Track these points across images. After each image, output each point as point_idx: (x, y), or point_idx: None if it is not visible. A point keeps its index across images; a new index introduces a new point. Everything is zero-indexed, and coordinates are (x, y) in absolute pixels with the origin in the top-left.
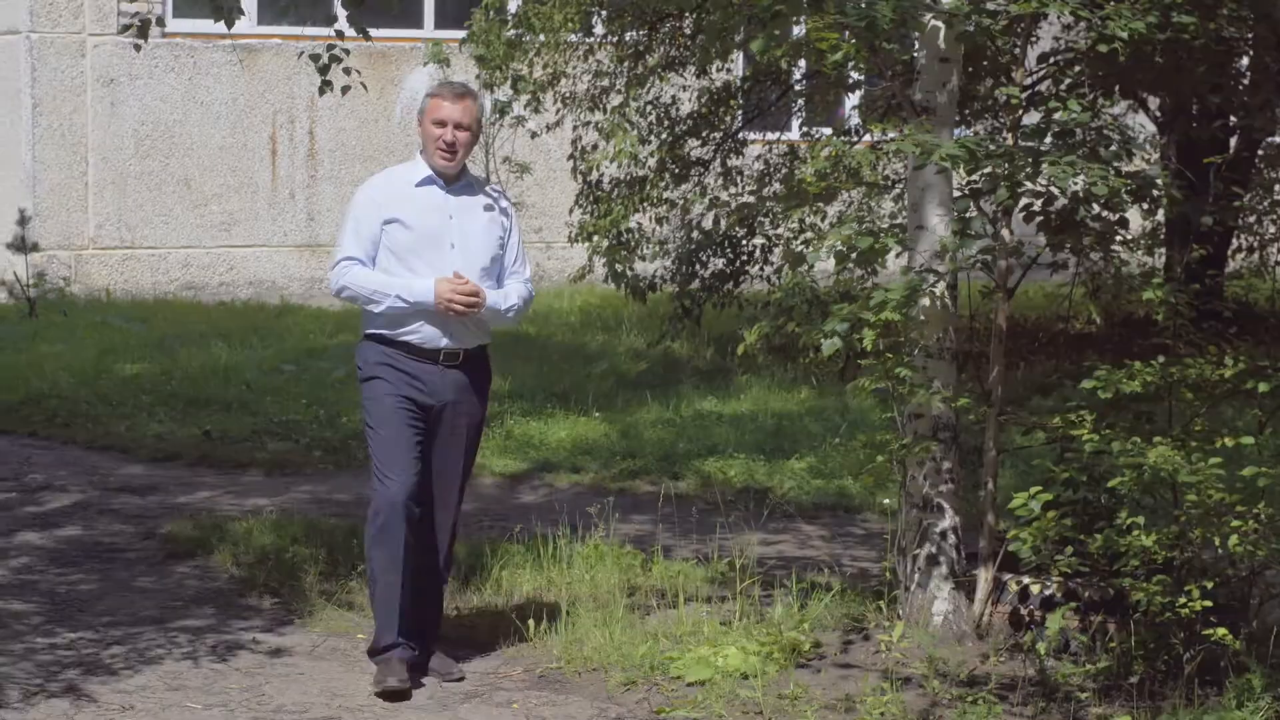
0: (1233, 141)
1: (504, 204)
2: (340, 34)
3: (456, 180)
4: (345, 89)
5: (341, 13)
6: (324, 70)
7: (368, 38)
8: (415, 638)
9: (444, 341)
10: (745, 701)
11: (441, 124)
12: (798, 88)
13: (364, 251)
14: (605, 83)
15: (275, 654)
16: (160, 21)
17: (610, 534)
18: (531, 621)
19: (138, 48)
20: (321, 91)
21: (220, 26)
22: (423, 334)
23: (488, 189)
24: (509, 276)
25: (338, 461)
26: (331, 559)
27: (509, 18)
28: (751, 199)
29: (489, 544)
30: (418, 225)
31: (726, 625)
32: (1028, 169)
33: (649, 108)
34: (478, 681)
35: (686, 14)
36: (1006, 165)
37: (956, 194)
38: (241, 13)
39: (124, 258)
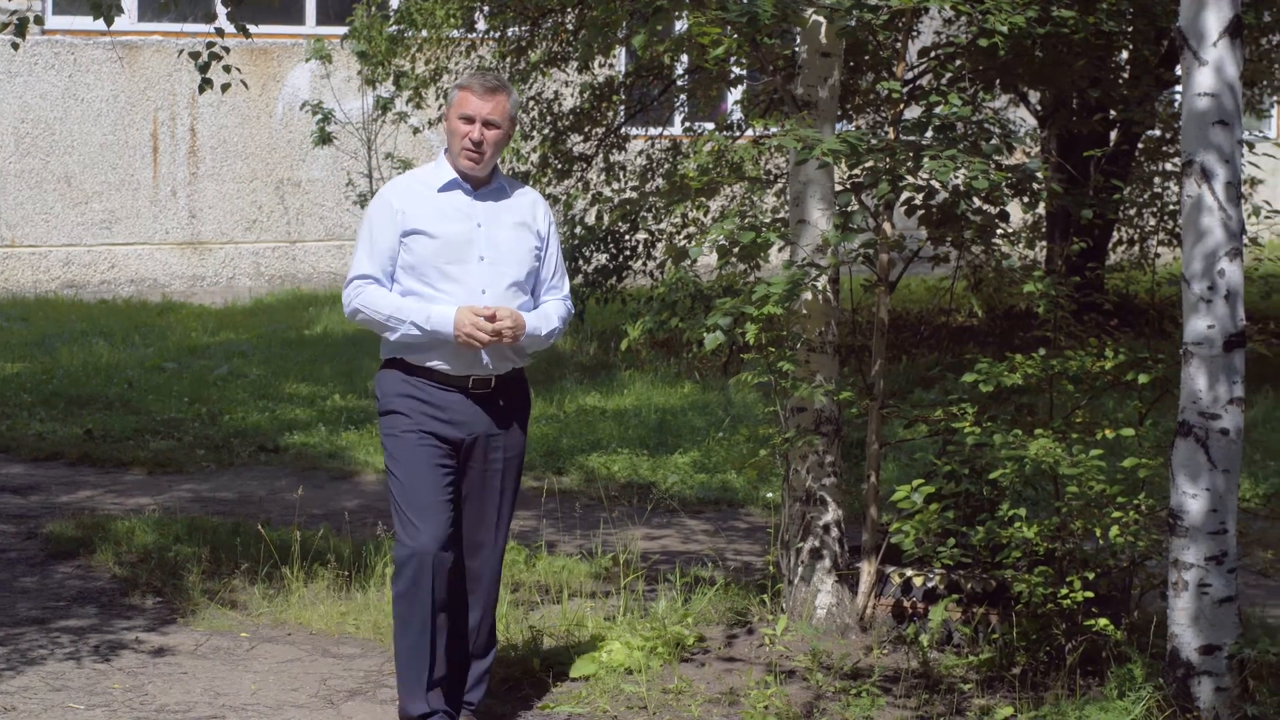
0: (1112, 135)
1: (540, 210)
2: (220, 31)
3: (485, 183)
4: (225, 86)
5: (221, 10)
6: (204, 68)
7: (247, 35)
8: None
9: (473, 368)
10: (629, 696)
11: (469, 120)
12: (680, 83)
13: (380, 268)
14: None
15: (158, 653)
16: (39, 19)
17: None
18: None
19: (16, 45)
20: (202, 89)
21: (100, 24)
22: (450, 360)
23: (521, 192)
24: (546, 292)
25: (220, 460)
26: (214, 558)
27: (391, 14)
28: (634, 194)
29: (373, 541)
30: (442, 236)
31: (611, 620)
32: (909, 163)
33: (531, 103)
34: (361, 679)
35: (569, 9)
36: (888, 159)
37: (838, 188)
38: (121, 10)
39: (4, 256)
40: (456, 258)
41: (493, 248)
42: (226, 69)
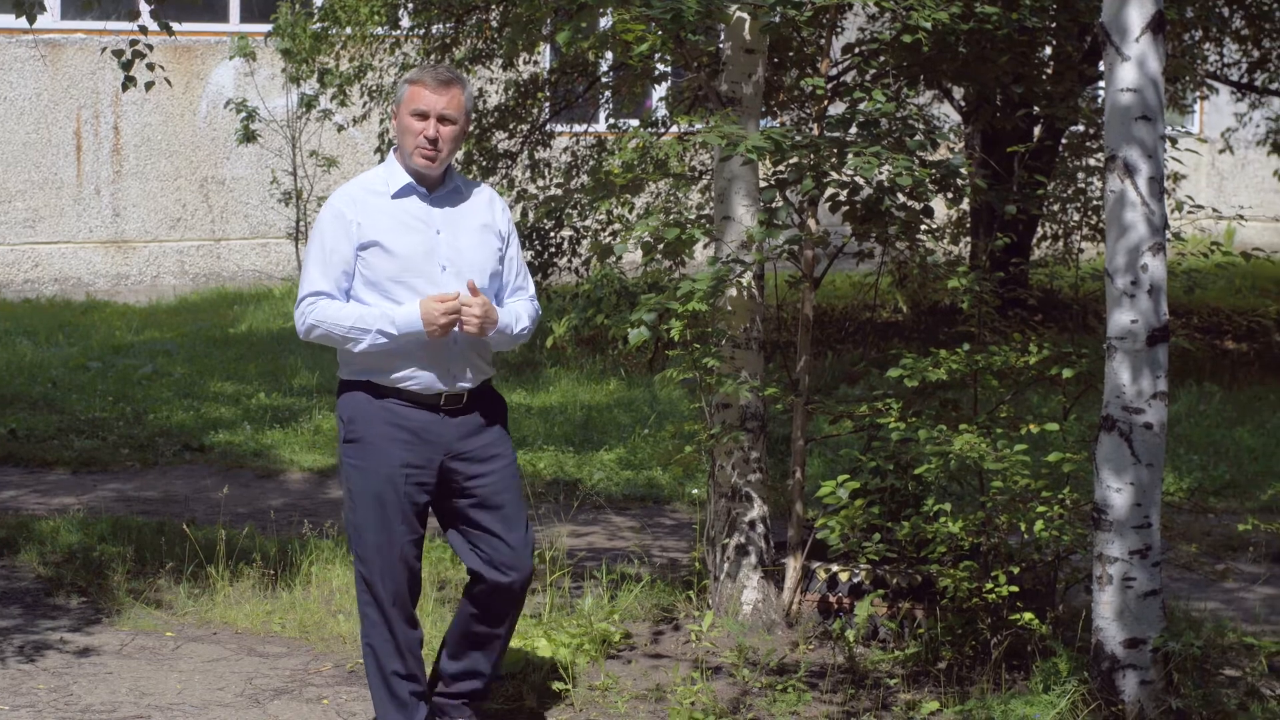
0: (1036, 131)
1: (498, 207)
2: (144, 29)
3: (440, 184)
4: (149, 84)
5: (145, 7)
6: (127, 66)
7: (171, 33)
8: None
9: (444, 384)
10: (556, 694)
11: (422, 116)
12: (605, 80)
13: (334, 284)
14: None
15: (83, 653)
16: None
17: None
18: (341, 616)
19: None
20: (125, 87)
21: (22, 22)
22: (417, 378)
23: (478, 190)
24: (511, 294)
25: (145, 459)
26: (139, 557)
27: (315, 11)
28: (559, 191)
29: (299, 540)
30: (400, 248)
31: (537, 618)
32: (833, 159)
33: None
34: (287, 678)
35: (493, 6)
36: (812, 156)
37: (763, 184)
38: (43, 8)
39: None
40: (418, 269)
41: (455, 255)
42: (150, 67)
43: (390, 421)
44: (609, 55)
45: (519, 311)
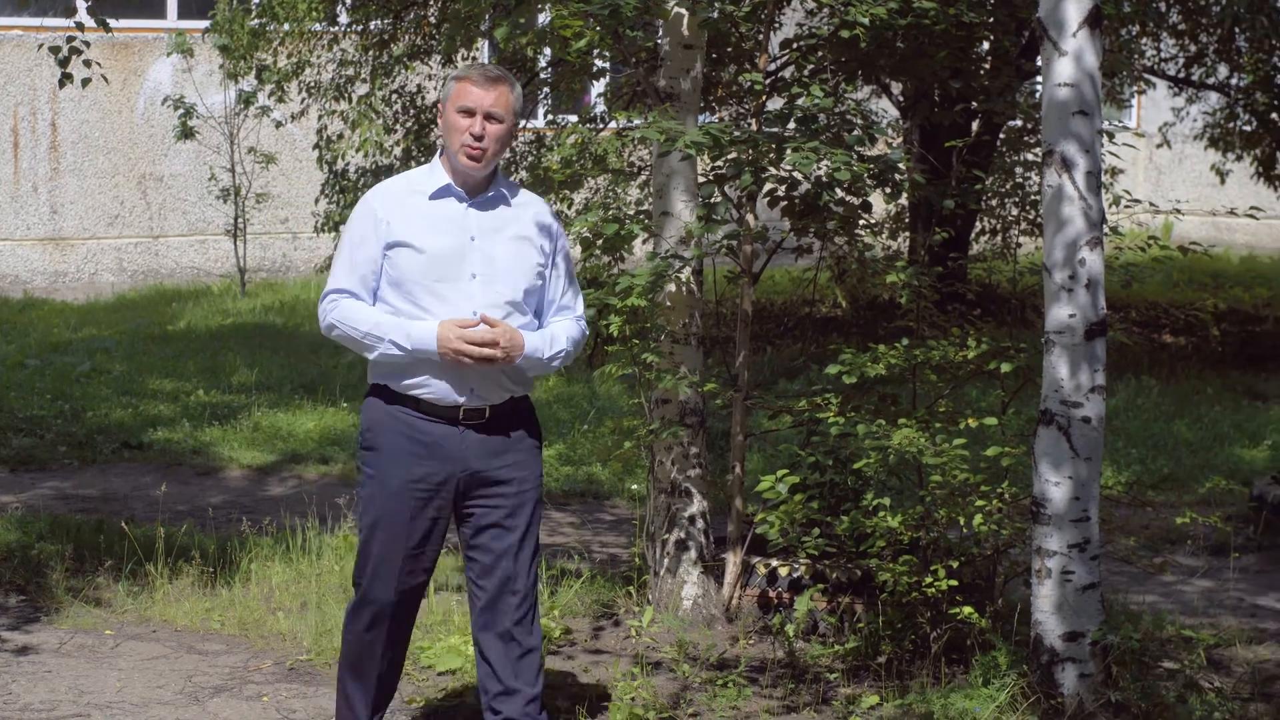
0: (974, 126)
1: (545, 220)
2: (81, 26)
3: (482, 189)
4: (86, 81)
5: (82, 4)
6: (64, 62)
7: (108, 30)
8: None
9: (463, 397)
10: None
11: (469, 113)
12: (543, 76)
13: (360, 282)
14: (350, 72)
15: (22, 652)
16: None
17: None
18: (281, 614)
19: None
20: (62, 84)
21: None
22: (433, 387)
23: (524, 201)
24: (556, 313)
25: (83, 457)
26: (78, 555)
27: (253, 7)
28: None
29: (238, 537)
30: (429, 250)
31: None
32: (771, 154)
33: (394, 96)
34: (227, 675)
35: (431, 2)
36: (750, 151)
37: (701, 180)
38: None
39: None
40: (446, 274)
41: (487, 264)
42: (87, 64)
43: (405, 433)
44: (547, 51)
45: (556, 334)
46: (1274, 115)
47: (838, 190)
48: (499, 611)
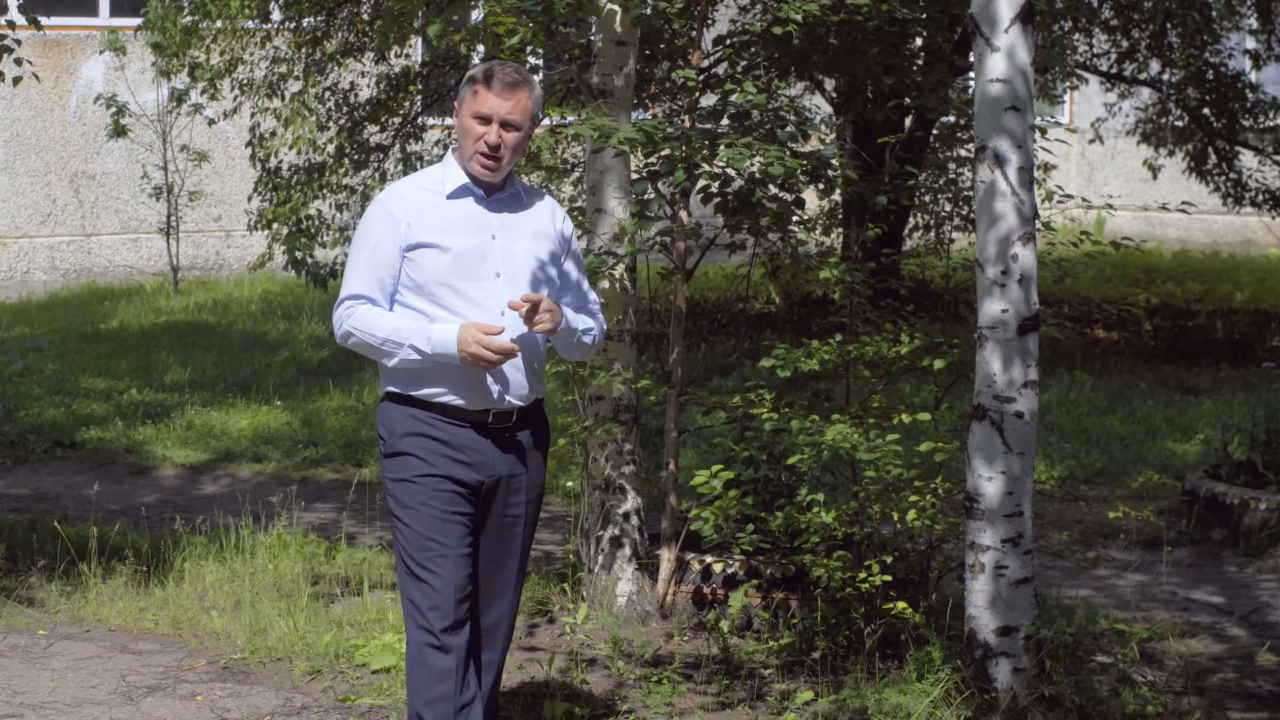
0: (907, 121)
1: (559, 218)
2: (12, 24)
3: (499, 189)
4: (16, 79)
5: (13, 2)
6: None
7: (39, 28)
8: None
9: (492, 400)
10: None
11: (485, 120)
12: None
13: (378, 286)
14: (283, 69)
15: None
16: None
17: (293, 523)
18: (215, 613)
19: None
20: None
21: None
22: (463, 391)
23: (538, 198)
24: (578, 311)
25: (15, 455)
26: (10, 555)
27: (185, 4)
28: None
29: (171, 536)
30: (453, 250)
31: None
32: (705, 151)
33: (328, 94)
34: (161, 675)
35: None
36: (684, 147)
37: (635, 177)
38: None
39: None
40: (470, 274)
41: (510, 262)
42: (18, 61)
43: (432, 436)
44: (480, 48)
45: (584, 316)
46: (1206, 110)
47: (771, 186)
48: (490, 606)
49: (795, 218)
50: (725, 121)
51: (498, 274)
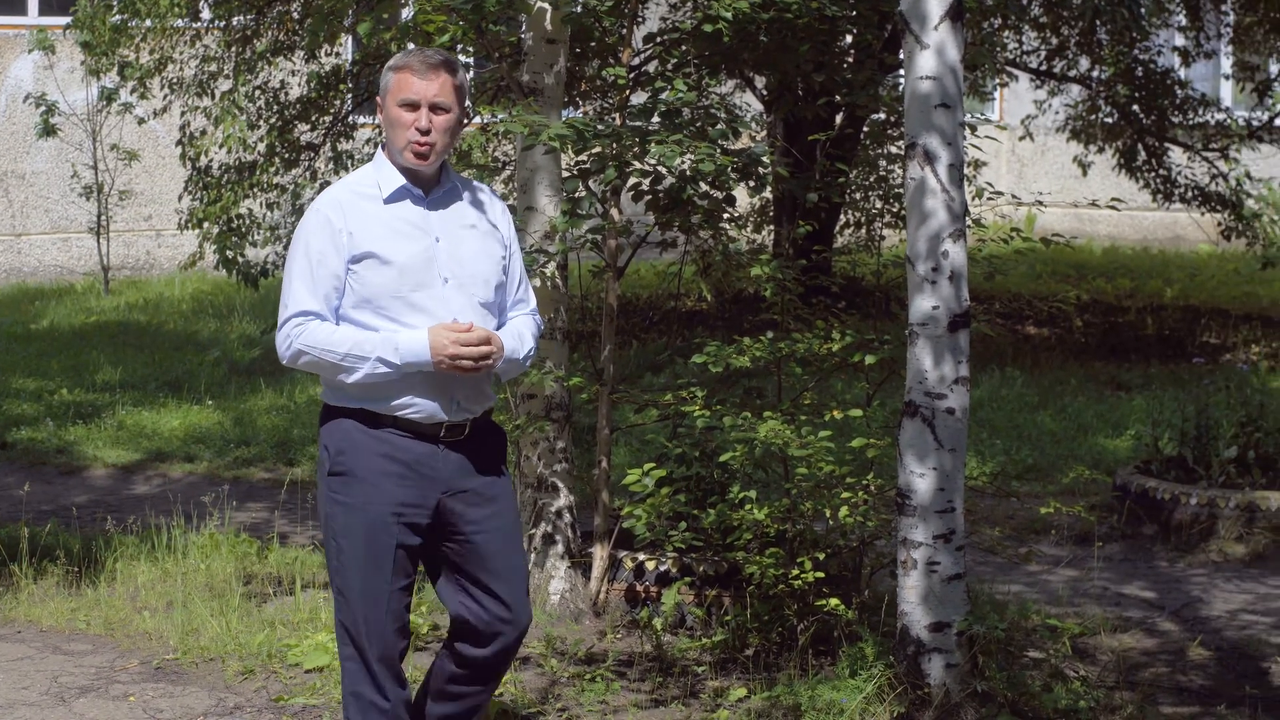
0: (838, 119)
1: (498, 210)
2: None
3: (435, 185)
4: None
5: None
6: None
7: None
8: None
9: (448, 412)
10: None
11: (412, 106)
12: None
13: (324, 302)
14: (213, 68)
15: None
16: None
17: (225, 522)
18: (147, 613)
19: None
20: None
21: None
22: (421, 405)
23: (476, 190)
24: (513, 307)
25: None
26: None
27: (114, 3)
28: None
29: (103, 537)
30: (398, 259)
31: None
32: (635, 148)
33: (258, 92)
34: (93, 675)
35: None
36: (614, 145)
37: (565, 174)
38: None
39: None
40: (420, 283)
41: (457, 265)
42: None
43: (384, 454)
44: (411, 46)
45: (521, 330)
46: (1135, 107)
47: (702, 184)
48: (494, 632)
49: (726, 215)
50: (656, 119)
51: (445, 279)
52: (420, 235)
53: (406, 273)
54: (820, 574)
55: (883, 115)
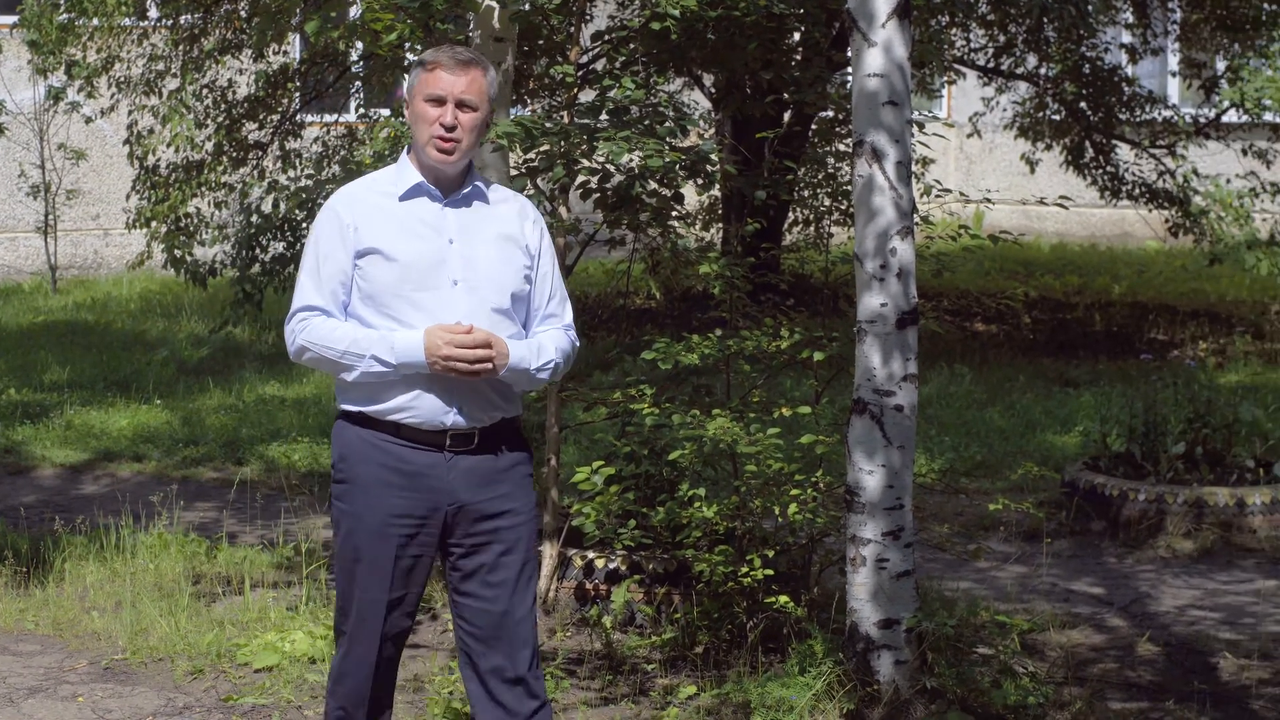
0: (786, 116)
1: (530, 220)
2: None
3: (458, 187)
4: None
5: None
6: None
7: None
8: None
9: (449, 418)
10: (314, 685)
11: (438, 102)
12: (355, 69)
13: (330, 297)
14: (161, 67)
15: None
16: None
17: (174, 522)
18: (96, 613)
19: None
20: None
21: None
22: (418, 409)
23: (505, 198)
24: (541, 321)
25: None
26: None
27: (61, 2)
28: (310, 182)
29: (51, 536)
30: (403, 257)
31: (293, 610)
32: (583, 146)
33: (205, 91)
34: (42, 676)
35: None
36: (562, 143)
37: (514, 172)
38: None
39: None
40: (425, 283)
41: (469, 269)
42: None
43: (384, 463)
44: (359, 45)
45: (544, 344)
46: (1082, 104)
47: (650, 182)
48: (501, 656)
49: (675, 213)
50: (604, 117)
51: (455, 281)
52: (432, 235)
53: (411, 271)
54: (769, 571)
55: (831, 113)
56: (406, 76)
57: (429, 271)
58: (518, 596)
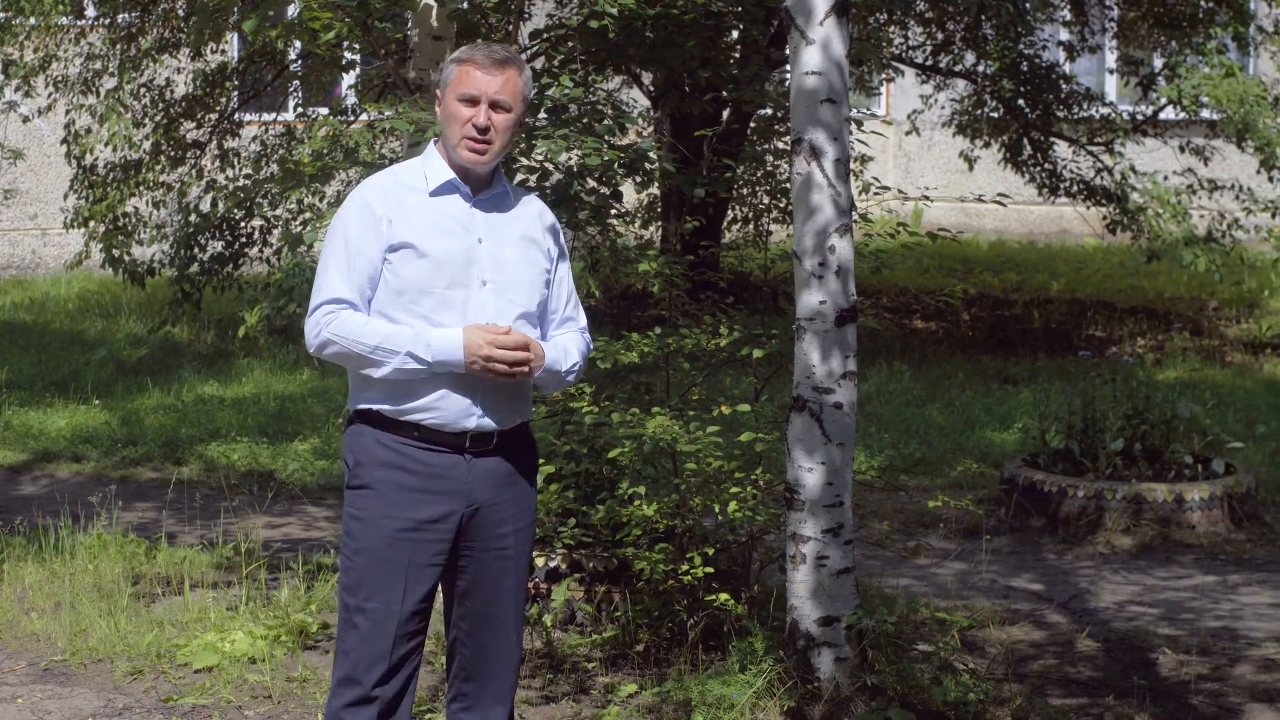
0: (724, 114)
1: (549, 222)
2: None
3: (486, 186)
4: None
5: None
6: None
7: None
8: None
9: (472, 420)
10: (254, 686)
11: (471, 101)
12: (293, 68)
13: (358, 290)
14: (98, 66)
15: None
16: None
17: (113, 523)
18: (34, 614)
19: None
20: None
21: None
22: (442, 410)
23: (526, 200)
24: (559, 325)
25: None
26: None
27: None
28: (249, 181)
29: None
30: (435, 253)
31: (233, 610)
32: (522, 144)
33: (143, 90)
34: None
35: None
36: None
37: None
38: None
39: None
40: (455, 281)
41: (497, 269)
42: None
43: (402, 466)
44: (297, 44)
45: (567, 345)
46: (1020, 102)
47: (589, 180)
48: (476, 687)
49: (614, 211)
50: (542, 115)
51: (484, 282)
52: (463, 233)
53: (442, 268)
54: (710, 569)
55: (769, 110)
56: (344, 76)
57: (460, 270)
58: (516, 607)
